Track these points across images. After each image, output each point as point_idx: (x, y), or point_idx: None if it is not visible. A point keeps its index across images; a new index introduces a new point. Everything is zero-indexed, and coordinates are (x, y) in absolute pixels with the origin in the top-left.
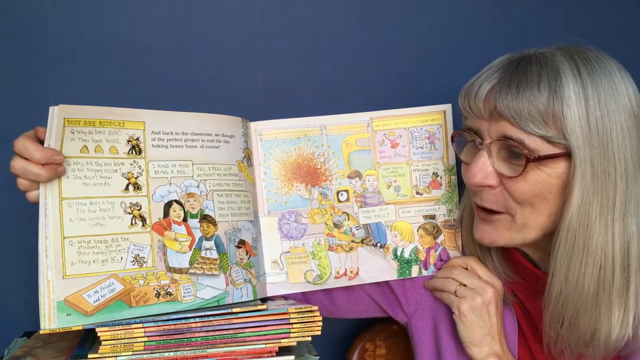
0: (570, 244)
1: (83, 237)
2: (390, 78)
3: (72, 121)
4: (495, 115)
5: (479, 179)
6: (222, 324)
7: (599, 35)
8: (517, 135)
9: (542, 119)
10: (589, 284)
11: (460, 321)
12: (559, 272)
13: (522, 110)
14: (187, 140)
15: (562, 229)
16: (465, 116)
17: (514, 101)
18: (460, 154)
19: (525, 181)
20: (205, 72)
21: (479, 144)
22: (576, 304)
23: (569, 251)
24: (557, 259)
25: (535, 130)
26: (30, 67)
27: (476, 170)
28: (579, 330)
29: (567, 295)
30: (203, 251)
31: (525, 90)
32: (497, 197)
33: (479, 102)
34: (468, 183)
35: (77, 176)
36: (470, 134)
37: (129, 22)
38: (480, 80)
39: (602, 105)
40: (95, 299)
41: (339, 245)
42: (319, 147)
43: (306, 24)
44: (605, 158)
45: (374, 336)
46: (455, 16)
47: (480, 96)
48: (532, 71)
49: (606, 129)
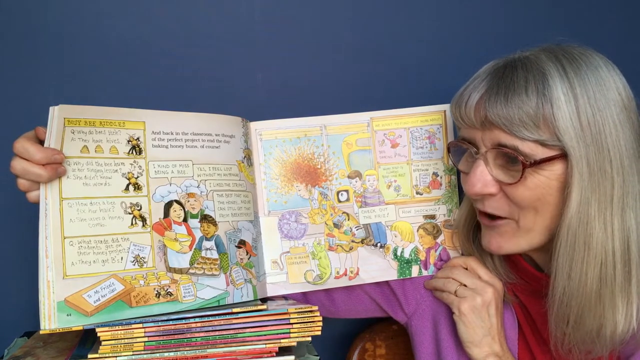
0: (571, 243)
1: (83, 237)
2: (390, 78)
3: (72, 121)
4: (487, 124)
5: (479, 188)
6: (222, 324)
7: (600, 35)
8: (510, 142)
9: (533, 124)
10: (591, 282)
11: (461, 321)
12: (561, 272)
13: (512, 117)
14: (187, 140)
15: (562, 229)
16: (459, 126)
17: (503, 109)
18: (458, 163)
19: (524, 186)
20: (205, 72)
21: (474, 153)
22: (580, 303)
23: (570, 250)
24: (559, 259)
25: (528, 136)
26: (30, 67)
27: (475, 179)
28: (584, 327)
29: (571, 294)
30: (203, 251)
31: (514, 96)
32: (499, 202)
33: (469, 113)
34: (468, 192)
35: (78, 176)
36: (465, 144)
37: (129, 22)
38: (468, 91)
39: (592, 102)
40: (96, 299)
41: (339, 245)
42: (319, 147)
43: (306, 24)
44: (601, 155)
45: (374, 336)
46: (456, 16)
47: (470, 106)
48: (518, 76)
49: (598, 126)
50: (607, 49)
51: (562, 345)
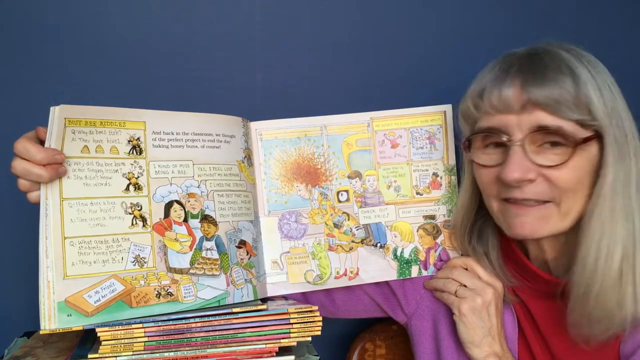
0: (602, 222)
1: (84, 237)
2: (390, 78)
3: (73, 121)
4: (528, 107)
5: (520, 174)
6: (222, 324)
7: (599, 36)
8: (554, 123)
9: (574, 103)
10: (617, 258)
11: (461, 322)
12: (590, 250)
13: (557, 97)
14: (187, 141)
15: (595, 209)
16: (476, 118)
17: (547, 89)
18: (473, 158)
19: (568, 168)
20: (205, 72)
21: (507, 141)
22: (604, 279)
23: (600, 228)
24: (588, 238)
25: (570, 115)
26: (30, 67)
27: (515, 166)
28: (606, 304)
29: (596, 271)
30: (204, 251)
31: (554, 77)
32: (540, 187)
33: (507, 97)
34: (507, 180)
35: (78, 176)
36: (495, 134)
37: (129, 22)
38: (498, 77)
39: (609, 86)
40: (96, 300)
41: (339, 245)
42: (319, 147)
43: (306, 24)
44: (622, 136)
45: (374, 336)
46: (456, 16)
47: (508, 90)
48: (547, 61)
49: (617, 110)
50: (607, 49)
51: (580, 331)
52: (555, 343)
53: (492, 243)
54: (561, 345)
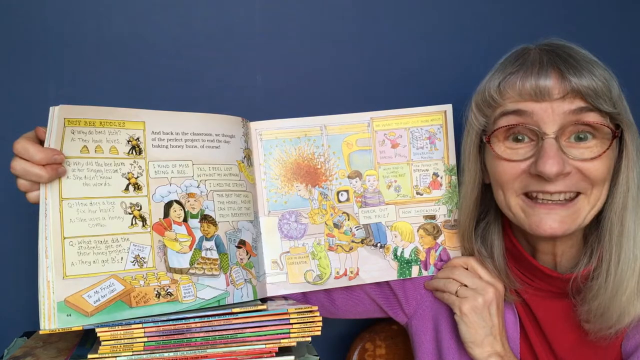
0: (629, 212)
1: (83, 237)
2: (390, 78)
3: (72, 121)
4: (569, 96)
5: (559, 167)
6: (222, 324)
7: (599, 36)
8: (593, 114)
9: (606, 96)
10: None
11: (462, 321)
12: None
13: (594, 88)
14: (187, 140)
15: (618, 200)
16: (498, 105)
17: (585, 79)
18: (495, 150)
19: (600, 160)
20: (205, 72)
21: (543, 136)
22: (625, 269)
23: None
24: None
25: (606, 108)
26: (30, 67)
27: (553, 160)
28: (622, 295)
29: (618, 260)
30: (203, 251)
31: (589, 69)
32: (573, 180)
33: (546, 85)
34: (547, 173)
35: (78, 176)
36: (522, 125)
37: (129, 22)
38: (530, 67)
39: (616, 84)
40: (96, 300)
41: (339, 245)
42: (319, 147)
43: (306, 24)
44: (635, 131)
45: (374, 336)
46: (456, 16)
47: (546, 79)
48: (571, 55)
49: (627, 105)
50: (606, 48)
51: (594, 324)
52: (558, 342)
53: (497, 245)
54: (564, 344)
